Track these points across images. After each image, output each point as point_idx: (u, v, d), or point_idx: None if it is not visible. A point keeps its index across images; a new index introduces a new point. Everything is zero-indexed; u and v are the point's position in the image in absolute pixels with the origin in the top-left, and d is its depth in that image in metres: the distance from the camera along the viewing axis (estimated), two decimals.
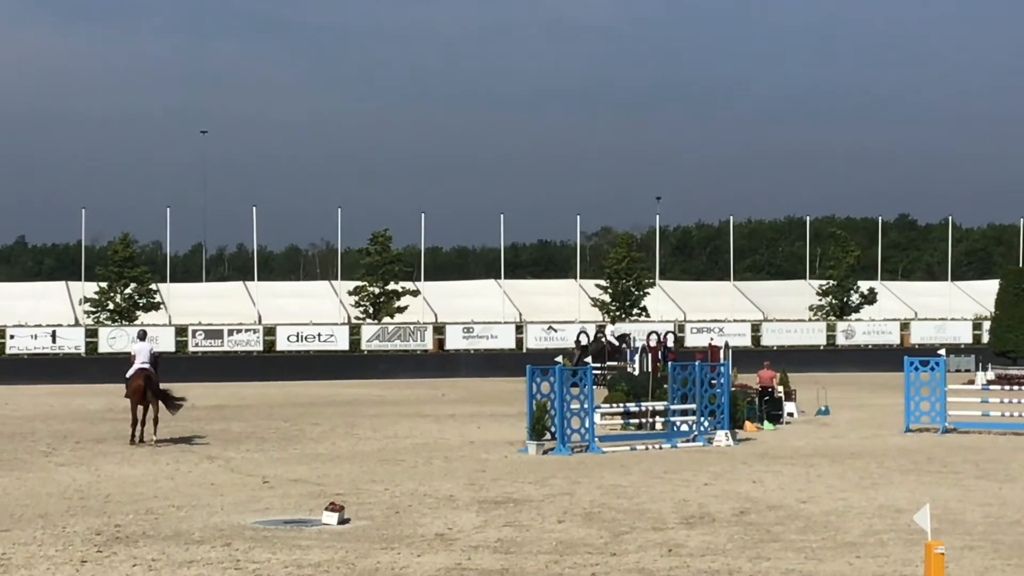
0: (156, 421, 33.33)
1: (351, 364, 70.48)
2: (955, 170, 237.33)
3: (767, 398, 39.17)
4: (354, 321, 77.31)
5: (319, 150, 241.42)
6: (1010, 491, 24.15)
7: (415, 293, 78.95)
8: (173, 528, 20.20)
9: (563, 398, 31.18)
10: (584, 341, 60.87)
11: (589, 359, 54.14)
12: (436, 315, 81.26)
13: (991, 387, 41.68)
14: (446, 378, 66.53)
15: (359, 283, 78.42)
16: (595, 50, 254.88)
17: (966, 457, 29.64)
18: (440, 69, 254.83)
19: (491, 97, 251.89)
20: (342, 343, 73.57)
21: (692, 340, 73.78)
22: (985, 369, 58.64)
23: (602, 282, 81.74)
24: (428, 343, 74.47)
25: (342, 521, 20.47)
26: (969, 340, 77.35)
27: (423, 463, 29.09)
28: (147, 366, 33.26)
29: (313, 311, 79.90)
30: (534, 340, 75.01)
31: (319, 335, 73.57)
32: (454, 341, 74.81)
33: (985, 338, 68.20)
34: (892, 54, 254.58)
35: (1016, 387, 40.45)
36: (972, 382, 49.23)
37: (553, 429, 31.19)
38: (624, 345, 61.97)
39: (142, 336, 35.57)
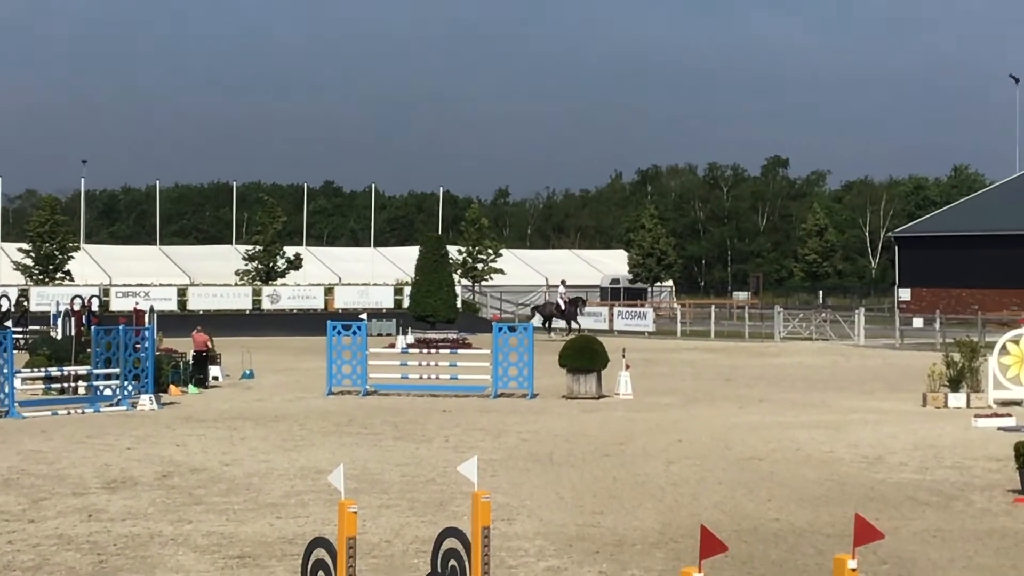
0: None
1: None
2: (378, 140, 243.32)
3: (196, 362, 39.17)
4: None
5: None
6: (426, 451, 25.03)
7: None
8: None
9: None
10: (5, 306, 59.19)
11: (9, 323, 52.67)
12: None
13: (410, 351, 42.98)
14: None
15: None
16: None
17: (385, 419, 30.50)
18: None
19: None
20: None
21: (117, 304, 72.76)
22: (405, 333, 60.47)
23: (25, 245, 79.71)
24: None
25: None
26: (391, 305, 79.22)
27: None
28: None
29: None
30: None
31: None
32: None
33: (406, 303, 70.02)
34: (339, 27, 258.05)
35: (433, 351, 41.85)
36: (393, 346, 50.81)
37: None
38: (575, 308, 65.74)
39: None
